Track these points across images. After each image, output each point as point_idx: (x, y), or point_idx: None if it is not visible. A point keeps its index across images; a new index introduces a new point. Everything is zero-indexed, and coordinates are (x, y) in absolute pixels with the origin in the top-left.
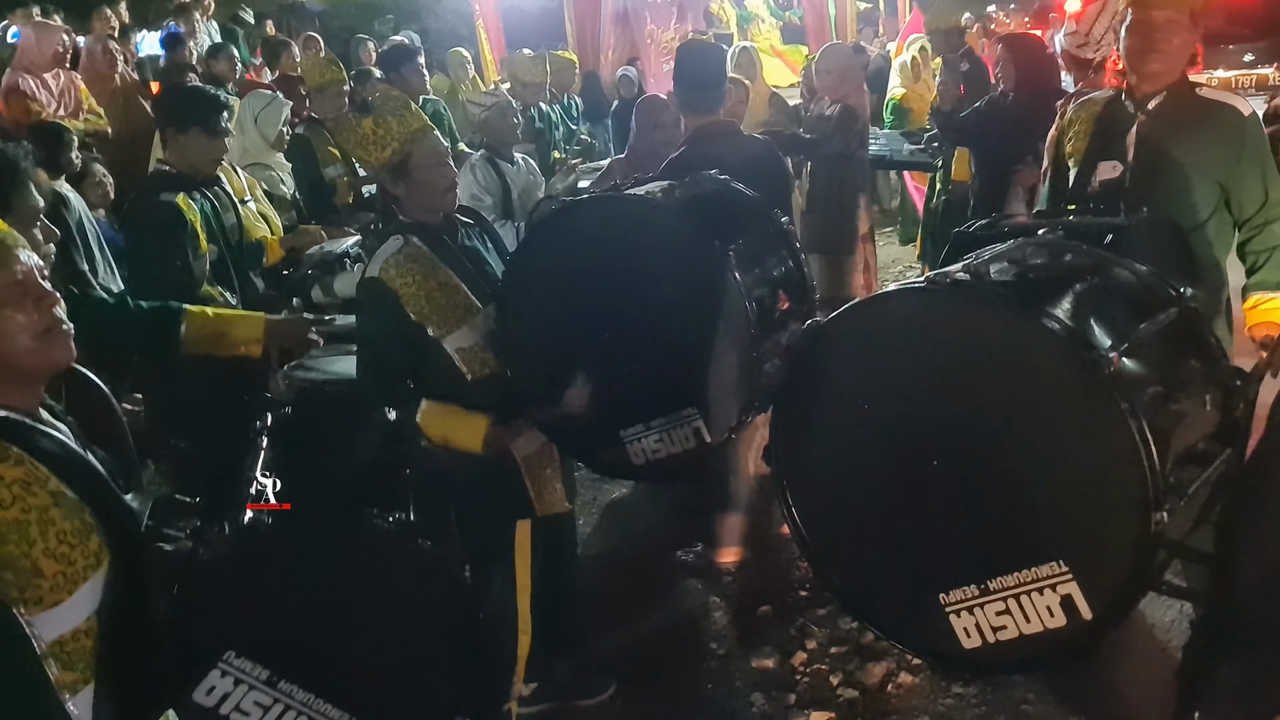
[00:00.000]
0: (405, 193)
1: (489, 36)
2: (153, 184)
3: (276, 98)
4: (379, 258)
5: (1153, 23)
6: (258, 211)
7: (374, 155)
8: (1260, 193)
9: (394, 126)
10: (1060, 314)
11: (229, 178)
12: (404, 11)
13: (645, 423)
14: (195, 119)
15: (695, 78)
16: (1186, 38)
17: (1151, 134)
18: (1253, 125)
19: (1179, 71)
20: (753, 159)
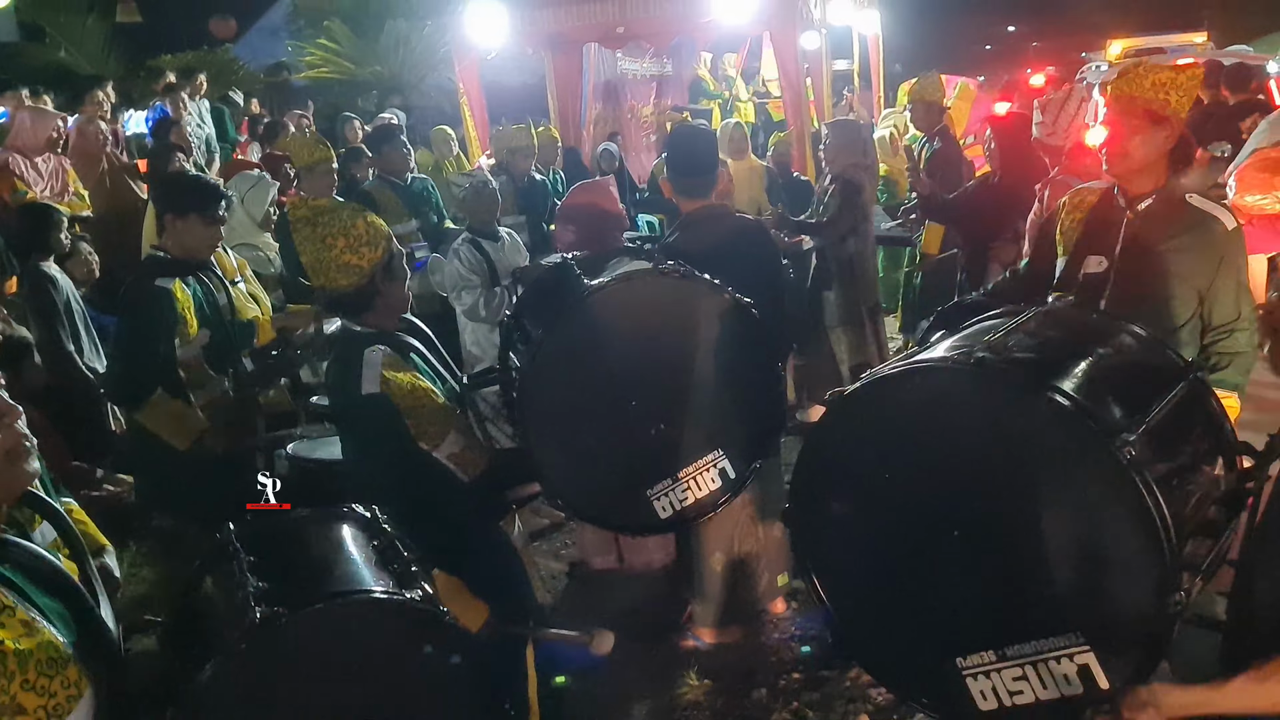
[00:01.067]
0: (387, 291)
1: (473, 112)
2: (148, 269)
3: (263, 179)
4: (372, 372)
5: (1109, 125)
6: (248, 292)
7: (368, 256)
8: (1233, 308)
9: (380, 224)
10: (1080, 393)
11: (219, 259)
12: (388, 88)
13: (672, 476)
14: (194, 206)
15: (687, 163)
16: (1148, 137)
17: (1139, 235)
18: (1234, 240)
19: (1161, 173)
20: (745, 242)
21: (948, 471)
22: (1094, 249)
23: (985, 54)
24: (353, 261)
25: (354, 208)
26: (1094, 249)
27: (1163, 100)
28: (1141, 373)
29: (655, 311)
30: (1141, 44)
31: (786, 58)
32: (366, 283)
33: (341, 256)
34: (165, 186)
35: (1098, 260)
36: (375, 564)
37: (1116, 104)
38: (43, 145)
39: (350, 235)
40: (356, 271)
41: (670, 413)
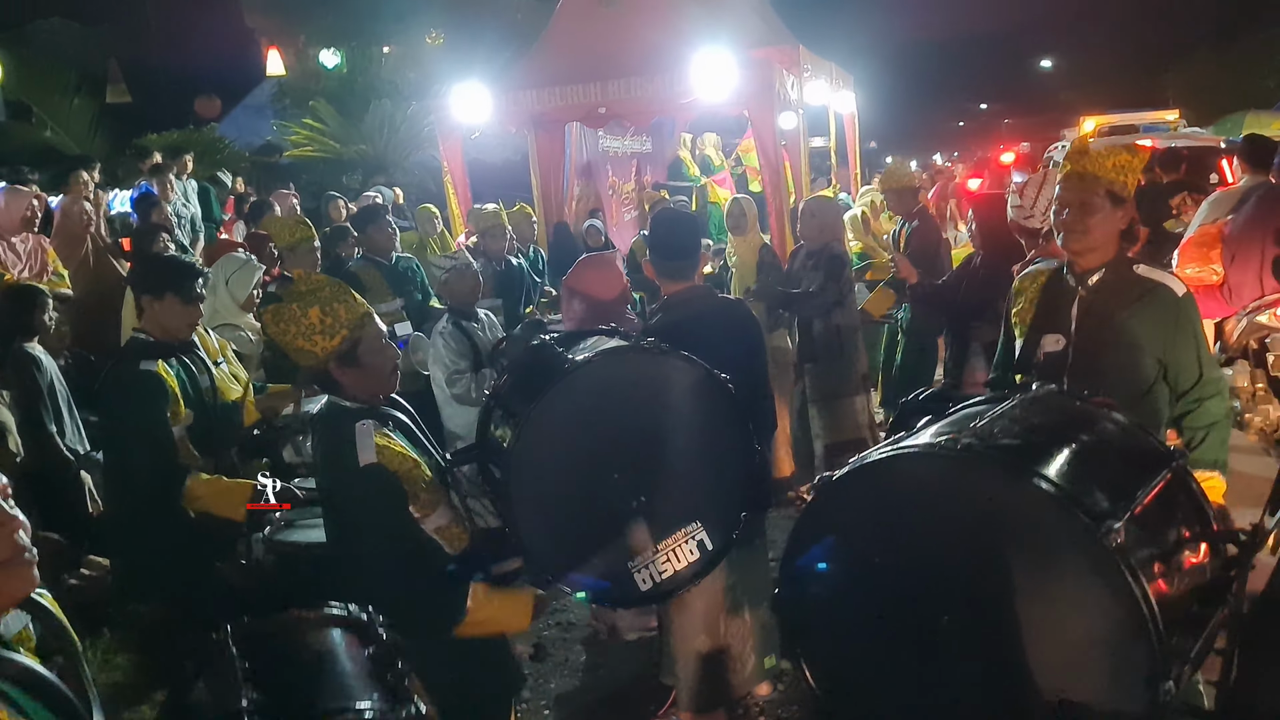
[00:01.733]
0: (352, 380)
1: (457, 190)
2: (131, 352)
3: (249, 261)
4: (367, 442)
5: (1069, 203)
6: (230, 373)
7: (321, 344)
8: (1194, 370)
9: (342, 313)
10: (1066, 479)
11: (202, 340)
12: (373, 166)
13: (652, 548)
14: (171, 287)
15: (670, 245)
16: (1108, 216)
17: (1092, 309)
18: (1186, 304)
19: (1112, 248)
20: (729, 323)
21: (937, 557)
22: (1050, 328)
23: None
24: (305, 347)
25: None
26: (1050, 328)
27: (1122, 182)
28: (1126, 459)
29: (635, 386)
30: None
31: (765, 137)
32: (323, 368)
33: (295, 342)
34: (140, 269)
35: (1055, 339)
36: (369, 674)
37: (1079, 182)
38: (18, 225)
39: (300, 324)
40: (310, 356)
41: (650, 486)
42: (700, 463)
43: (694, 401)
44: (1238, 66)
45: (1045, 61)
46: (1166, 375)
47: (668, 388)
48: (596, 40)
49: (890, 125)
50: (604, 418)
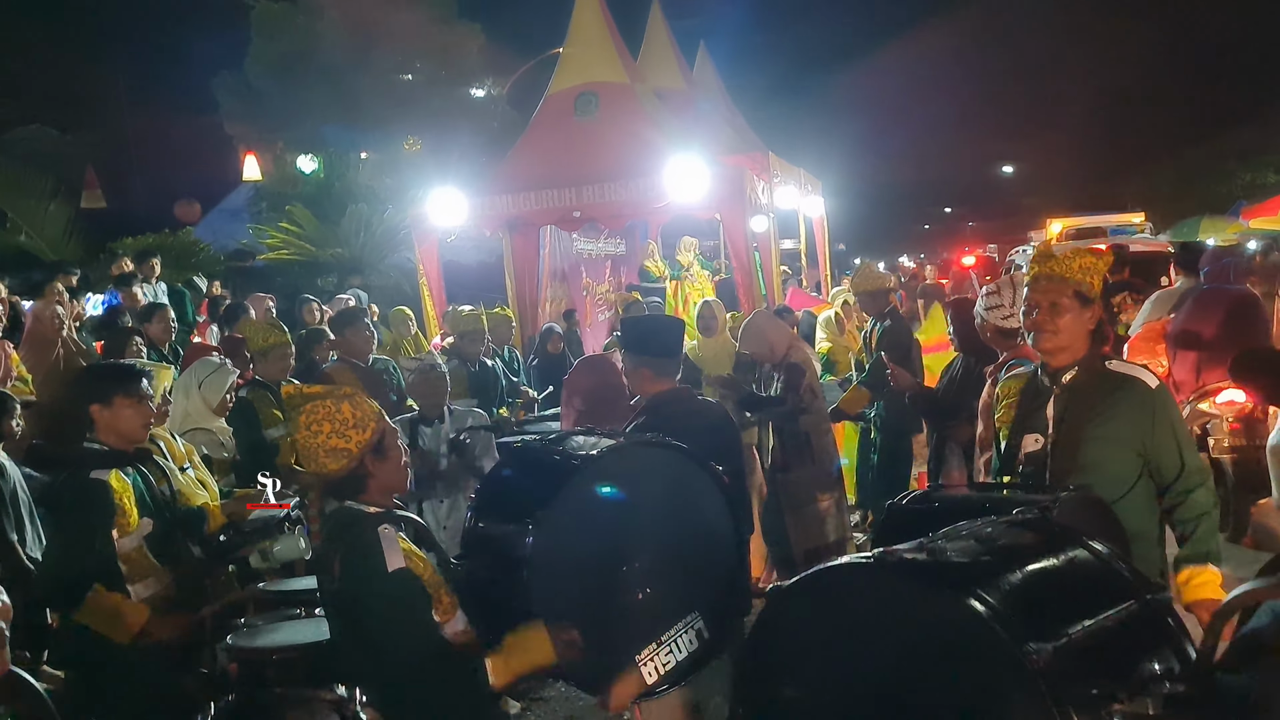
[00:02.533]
0: (379, 471)
1: (431, 293)
2: (83, 462)
3: (223, 365)
4: (393, 547)
5: (1039, 303)
6: (197, 478)
7: (356, 439)
8: (1176, 461)
9: (367, 406)
10: (999, 599)
11: (169, 445)
12: (348, 269)
13: (656, 640)
14: (118, 390)
15: (654, 347)
16: (1077, 316)
17: (1068, 407)
18: (1160, 396)
19: (1083, 346)
20: (709, 425)
21: (884, 670)
22: (1029, 428)
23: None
24: (340, 445)
25: (343, 393)
26: (1029, 428)
27: (1089, 283)
28: (1087, 587)
29: (639, 480)
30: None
31: (737, 240)
32: (356, 465)
33: (330, 441)
34: (82, 381)
35: (1034, 438)
36: None
37: (1048, 283)
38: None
39: (335, 420)
40: (345, 455)
41: (654, 578)
42: (696, 554)
43: (691, 495)
44: (1193, 173)
45: (1006, 167)
46: (1150, 470)
47: (668, 480)
48: (572, 147)
49: (859, 227)
50: (611, 512)
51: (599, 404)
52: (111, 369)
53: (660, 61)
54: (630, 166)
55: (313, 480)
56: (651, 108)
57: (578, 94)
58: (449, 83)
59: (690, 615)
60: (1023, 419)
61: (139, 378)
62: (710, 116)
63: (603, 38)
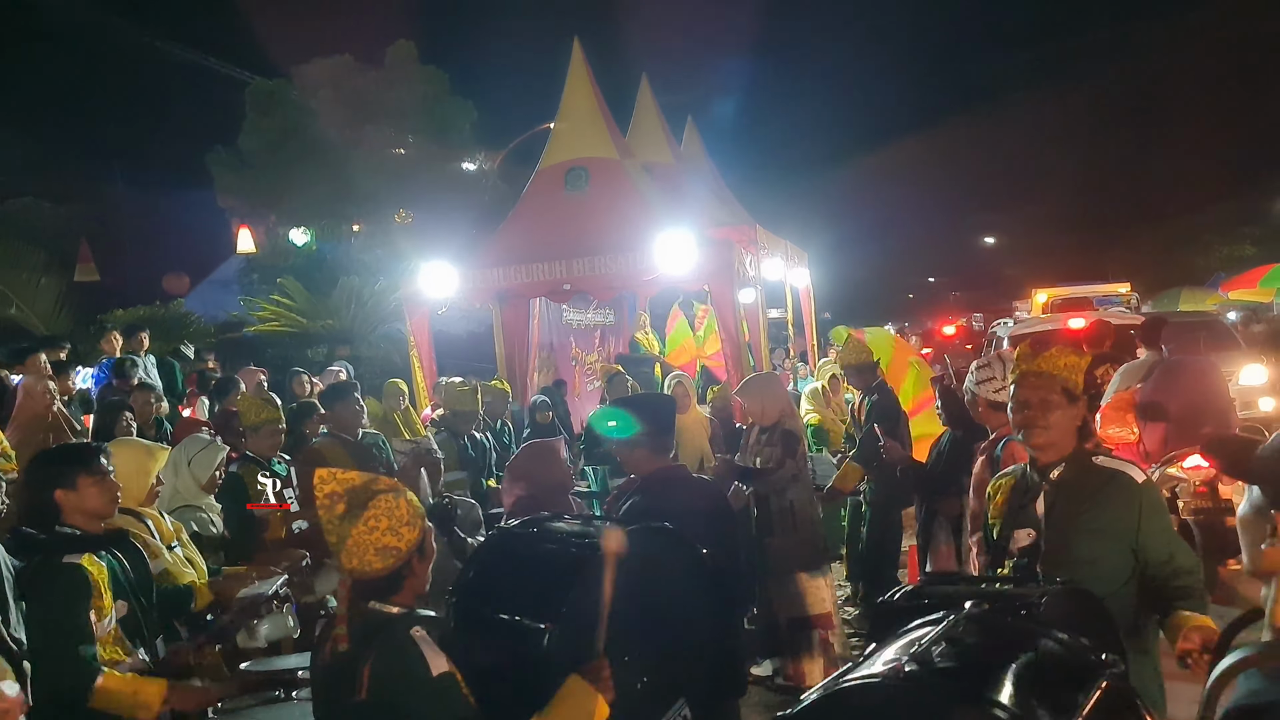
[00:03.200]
0: (420, 571)
1: (422, 364)
2: (55, 547)
3: (213, 442)
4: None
5: (1029, 401)
6: (184, 556)
7: (407, 536)
8: (1165, 554)
9: (416, 501)
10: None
11: (157, 523)
12: (338, 340)
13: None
14: (79, 470)
15: (657, 423)
16: (1065, 412)
17: (1057, 502)
18: (1148, 492)
19: (1071, 442)
20: (705, 505)
21: None
22: (1020, 523)
23: (908, 302)
24: (392, 544)
25: (389, 485)
26: (1020, 523)
27: (1075, 380)
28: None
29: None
30: (1067, 293)
31: (725, 312)
32: (403, 564)
33: (383, 539)
34: (40, 470)
35: (1026, 533)
36: None
37: (1037, 379)
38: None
39: (394, 516)
40: (394, 554)
41: (650, 664)
42: (688, 640)
43: (678, 576)
44: (1172, 245)
45: (988, 238)
46: (1140, 565)
47: (665, 565)
48: (562, 221)
49: (843, 297)
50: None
51: (541, 490)
52: (67, 451)
53: (649, 137)
54: (620, 240)
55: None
56: (641, 182)
57: (568, 169)
58: (441, 157)
59: (679, 701)
60: (1013, 514)
61: (96, 453)
62: (698, 190)
63: (593, 114)
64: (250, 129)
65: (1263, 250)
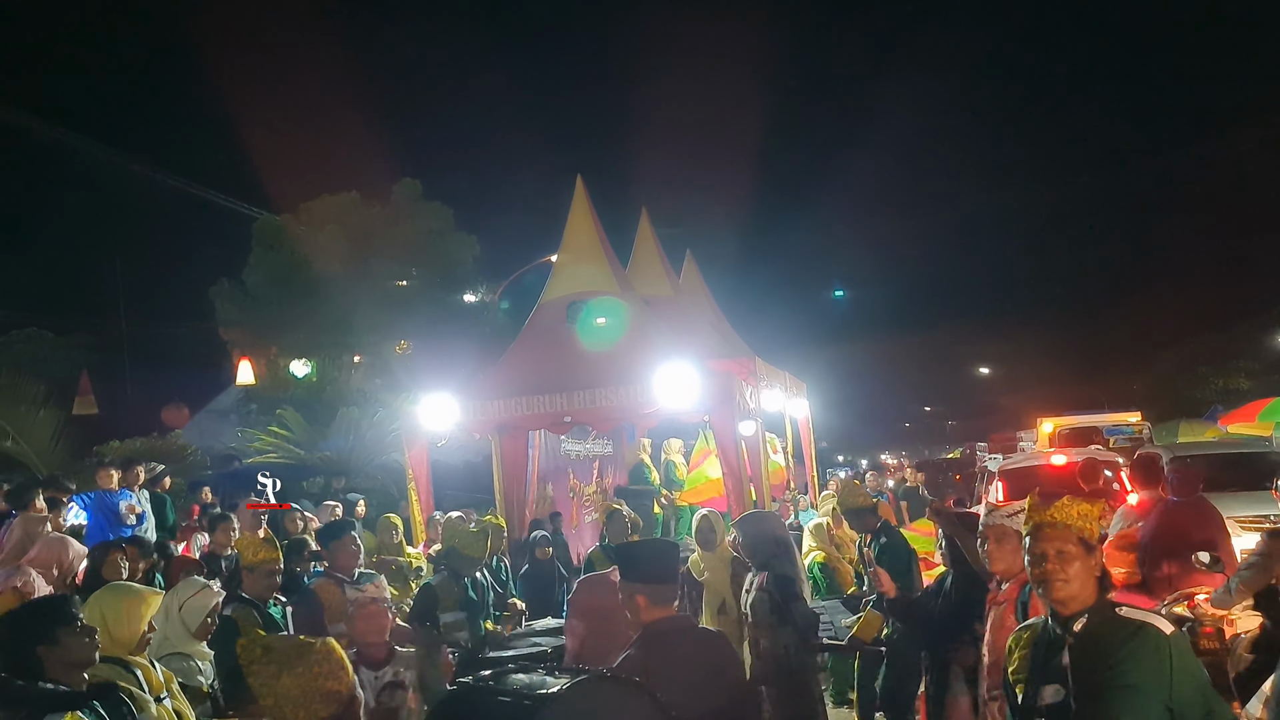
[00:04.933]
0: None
1: (420, 497)
2: (37, 706)
3: (207, 588)
4: None
5: (1045, 553)
6: (174, 708)
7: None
8: (1203, 711)
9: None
10: None
11: (146, 673)
12: (335, 470)
13: None
14: (59, 622)
15: (648, 573)
16: (1084, 562)
17: (1082, 657)
18: (1177, 643)
19: (1092, 593)
20: (710, 661)
21: None
22: (1046, 679)
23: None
24: (334, 688)
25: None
26: (1046, 679)
27: (1090, 529)
28: None
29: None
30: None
31: (727, 444)
32: (345, 709)
33: (326, 684)
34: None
35: (1054, 690)
36: None
37: (1052, 530)
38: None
39: (331, 661)
40: (337, 699)
41: None
42: None
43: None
44: (1168, 377)
45: (984, 368)
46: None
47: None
48: (563, 353)
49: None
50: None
51: (601, 624)
52: (42, 605)
53: (649, 269)
54: (620, 373)
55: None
56: (641, 315)
57: (569, 302)
58: (444, 289)
59: None
60: (1038, 670)
61: (69, 603)
62: (697, 322)
63: (594, 248)
64: (255, 263)
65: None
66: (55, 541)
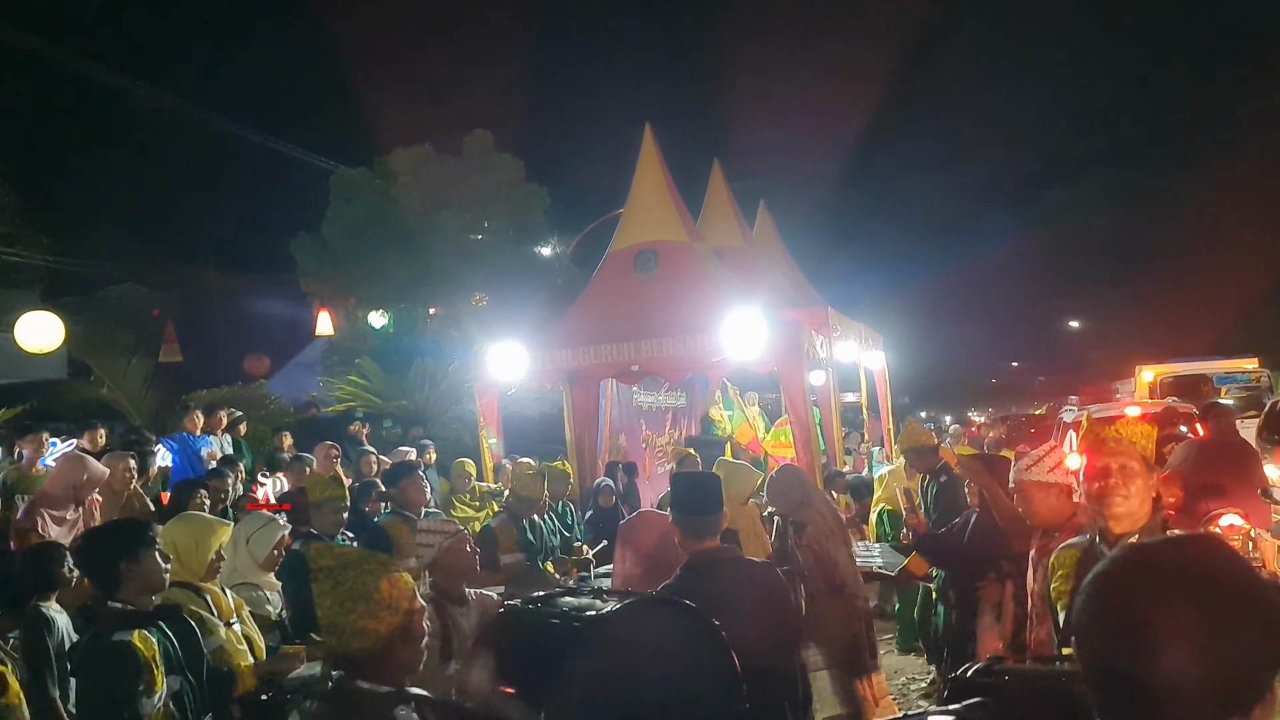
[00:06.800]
0: (401, 655)
1: (490, 445)
2: (106, 624)
3: (272, 521)
4: None
5: (1109, 469)
6: (243, 633)
7: (387, 620)
8: None
9: (404, 583)
10: None
11: (216, 599)
12: (411, 420)
13: None
14: (142, 543)
15: (692, 505)
16: (1145, 482)
17: None
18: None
19: (1145, 514)
20: (754, 590)
21: None
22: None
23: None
24: (370, 627)
25: (378, 565)
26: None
27: (1150, 450)
28: None
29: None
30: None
31: (794, 394)
32: (382, 647)
33: (360, 621)
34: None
35: None
36: None
37: (1115, 446)
38: (66, 496)
39: (371, 600)
40: (373, 636)
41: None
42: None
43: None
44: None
45: (1073, 322)
46: None
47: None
48: (630, 303)
49: (923, 381)
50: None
51: (650, 561)
52: (131, 525)
53: (720, 221)
54: (688, 322)
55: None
56: (710, 265)
57: (637, 251)
58: (516, 241)
59: None
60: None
61: (151, 528)
62: (769, 272)
63: (663, 198)
64: (333, 216)
65: None
66: (74, 459)
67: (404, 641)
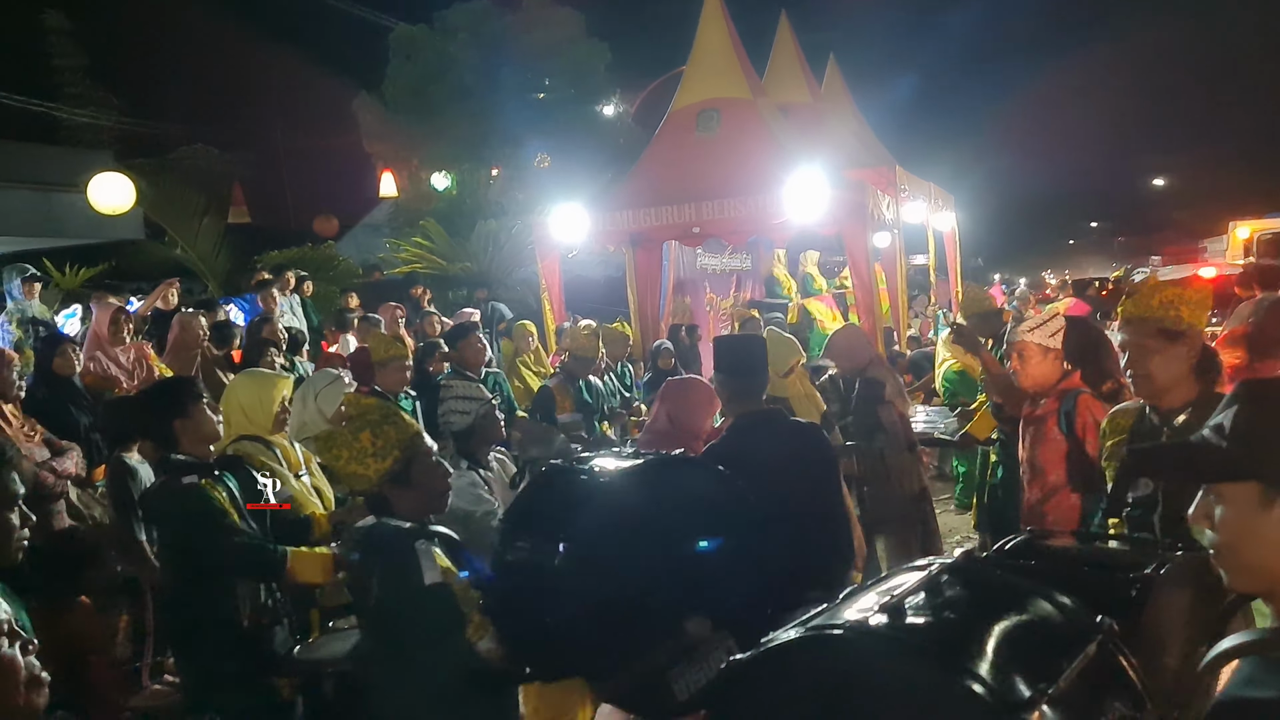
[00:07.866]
0: (405, 500)
1: (553, 307)
2: (171, 472)
3: (339, 378)
4: (430, 563)
5: (1126, 348)
6: (312, 484)
7: (373, 467)
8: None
9: (392, 435)
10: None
11: (284, 451)
12: (476, 282)
13: (688, 657)
14: (192, 398)
15: (736, 366)
16: (1166, 355)
17: None
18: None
19: (1188, 386)
20: (797, 449)
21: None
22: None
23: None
24: (358, 471)
25: (372, 416)
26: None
27: (1175, 316)
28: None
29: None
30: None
31: (858, 257)
32: (376, 490)
33: (349, 467)
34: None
35: (1144, 481)
36: None
37: (1129, 327)
38: (111, 336)
39: (353, 448)
40: (364, 480)
41: (685, 596)
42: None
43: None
44: None
45: (1157, 179)
46: None
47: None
48: (692, 163)
49: (996, 242)
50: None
51: (683, 423)
52: (176, 384)
53: (786, 76)
54: (749, 183)
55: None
56: (774, 123)
57: (700, 110)
58: (577, 100)
59: (721, 633)
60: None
61: (195, 383)
62: (836, 130)
63: (726, 54)
64: (394, 75)
65: None
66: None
67: (399, 487)
